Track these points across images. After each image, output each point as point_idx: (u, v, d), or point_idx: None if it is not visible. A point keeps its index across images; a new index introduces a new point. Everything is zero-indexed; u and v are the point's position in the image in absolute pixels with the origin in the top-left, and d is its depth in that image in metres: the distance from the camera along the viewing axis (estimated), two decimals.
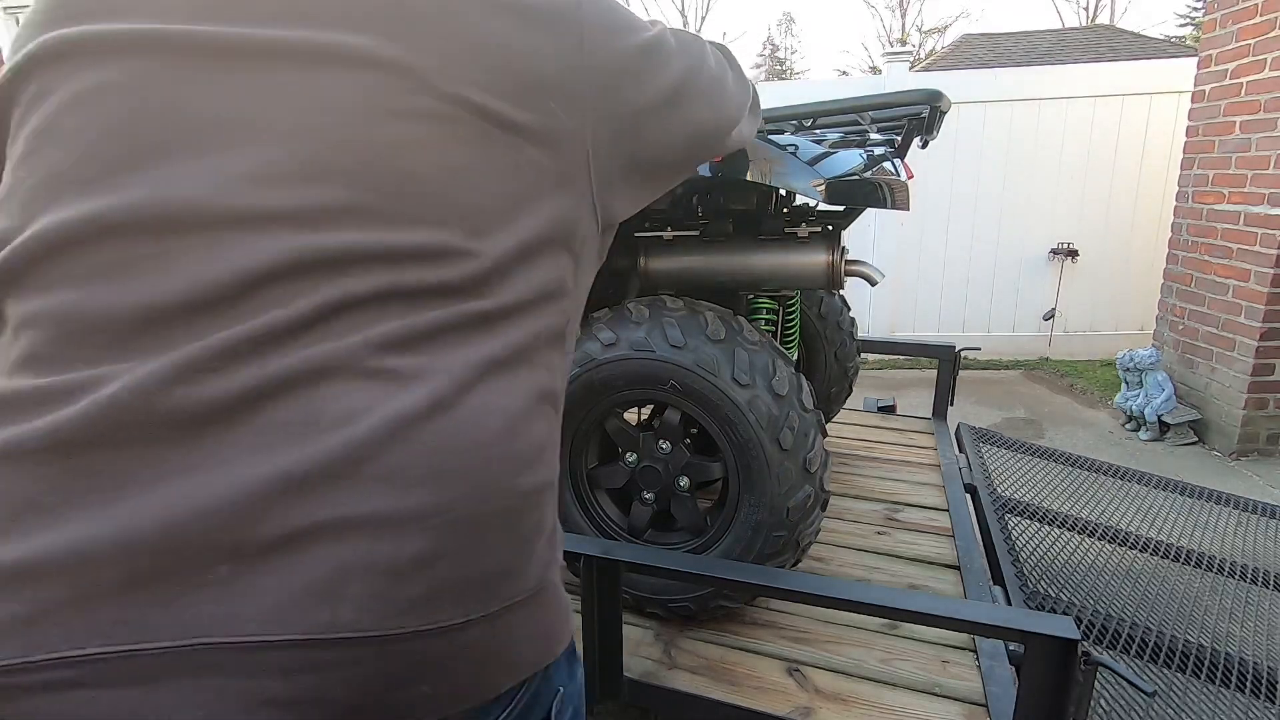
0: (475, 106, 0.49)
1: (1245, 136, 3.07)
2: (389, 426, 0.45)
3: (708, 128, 0.68)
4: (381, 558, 0.45)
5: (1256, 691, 1.17)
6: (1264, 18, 2.94)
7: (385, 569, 0.45)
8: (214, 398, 0.43)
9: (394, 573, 0.45)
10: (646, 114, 0.59)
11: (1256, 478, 2.97)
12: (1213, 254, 3.27)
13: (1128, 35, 7.64)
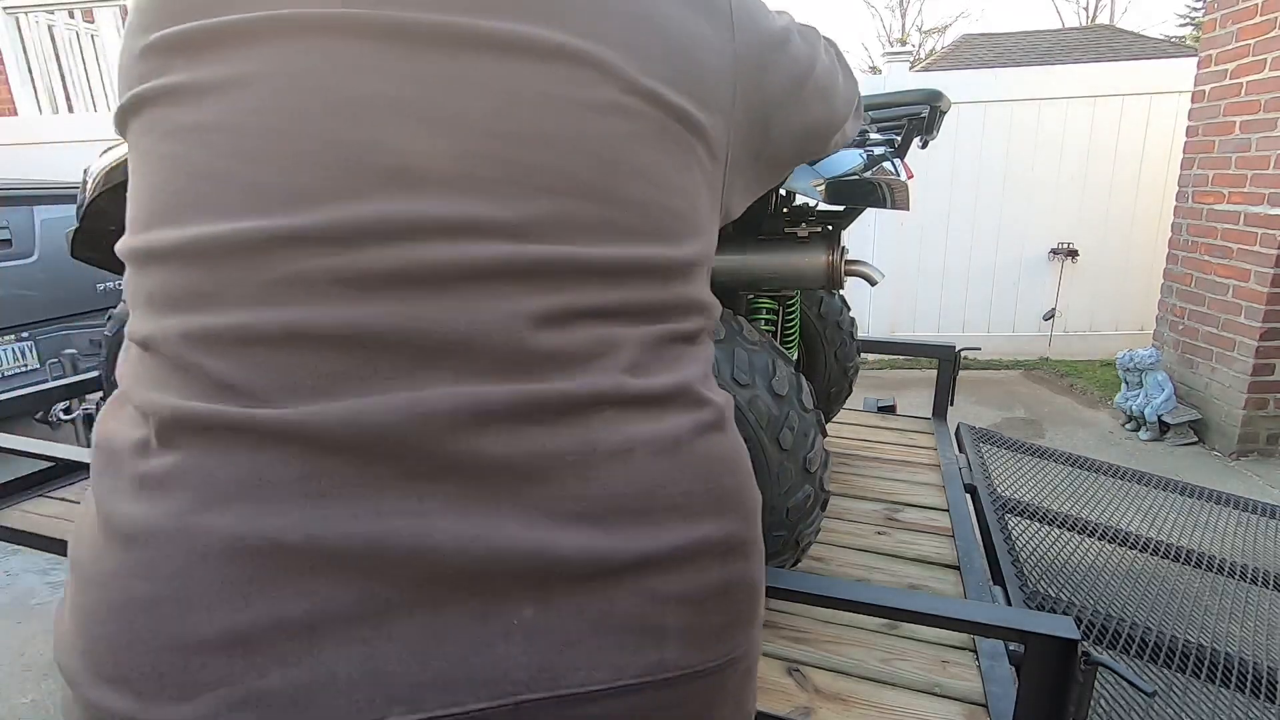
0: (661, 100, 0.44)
1: (1245, 136, 3.07)
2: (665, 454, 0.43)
3: (820, 125, 0.63)
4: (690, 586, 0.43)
5: (1256, 691, 1.17)
6: (1264, 18, 2.94)
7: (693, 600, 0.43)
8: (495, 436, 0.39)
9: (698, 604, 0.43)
10: (774, 106, 0.55)
11: (1256, 478, 2.97)
12: (1213, 254, 3.27)
13: (1128, 35, 7.64)
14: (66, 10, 5.22)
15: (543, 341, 0.40)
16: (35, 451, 1.66)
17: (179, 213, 0.41)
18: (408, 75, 0.40)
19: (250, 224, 0.39)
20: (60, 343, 3.22)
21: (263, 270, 0.39)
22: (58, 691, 1.83)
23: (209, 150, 0.41)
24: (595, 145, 0.42)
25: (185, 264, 0.41)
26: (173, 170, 0.42)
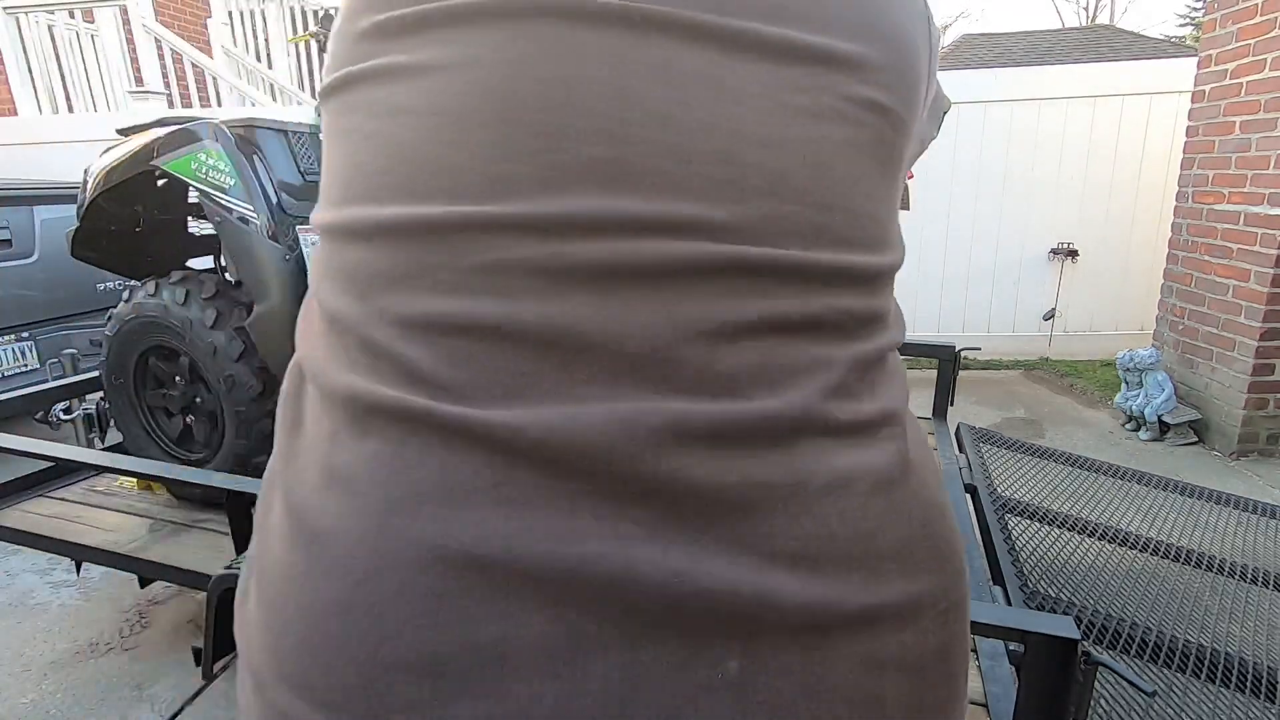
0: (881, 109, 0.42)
1: (1245, 136, 3.07)
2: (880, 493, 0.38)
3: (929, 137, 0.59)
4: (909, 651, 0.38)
5: (1256, 691, 1.17)
6: (1264, 18, 2.94)
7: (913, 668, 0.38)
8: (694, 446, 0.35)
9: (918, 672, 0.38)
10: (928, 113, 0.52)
11: (1256, 478, 2.96)
12: (1213, 254, 3.27)
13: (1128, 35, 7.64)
14: (66, 10, 5.22)
15: (748, 353, 0.37)
16: (35, 451, 1.66)
17: (379, 192, 0.40)
18: (624, 65, 0.37)
19: (448, 209, 0.37)
20: (60, 343, 3.22)
21: (461, 257, 0.37)
22: (58, 692, 1.83)
23: (414, 132, 0.39)
24: (813, 150, 0.39)
25: (383, 244, 0.39)
26: (376, 149, 0.41)
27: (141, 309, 1.83)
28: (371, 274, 0.39)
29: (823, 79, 0.39)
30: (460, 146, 0.38)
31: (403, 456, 0.36)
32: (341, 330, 0.40)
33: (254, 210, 1.68)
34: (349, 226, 0.41)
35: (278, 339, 1.72)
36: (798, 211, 0.39)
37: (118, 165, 1.81)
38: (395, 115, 0.40)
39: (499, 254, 0.36)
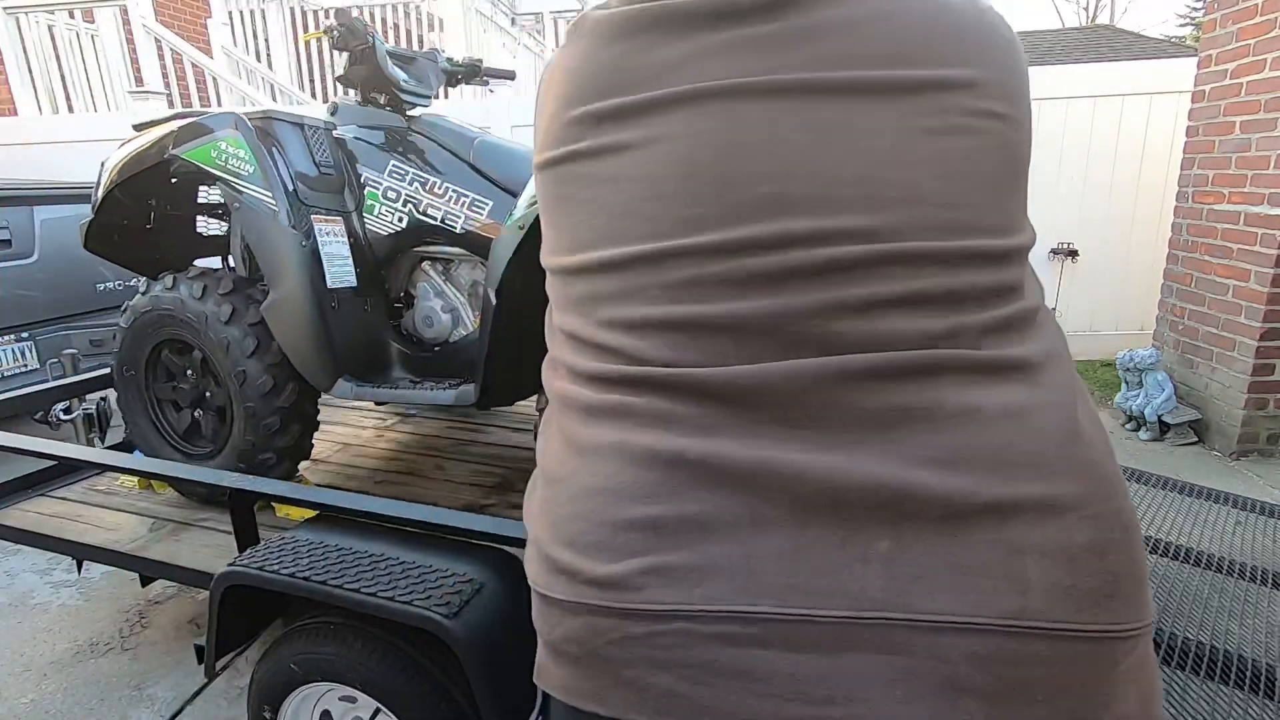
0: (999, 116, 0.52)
1: (1245, 136, 3.07)
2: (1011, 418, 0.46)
3: None
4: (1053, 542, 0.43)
5: (1255, 689, 1.17)
6: (1264, 18, 2.94)
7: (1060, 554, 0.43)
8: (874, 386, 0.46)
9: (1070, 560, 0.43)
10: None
11: (1256, 478, 2.97)
12: (1213, 254, 3.27)
13: (1128, 35, 7.64)
14: (66, 10, 5.22)
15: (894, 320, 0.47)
16: (36, 450, 1.66)
17: (600, 241, 0.54)
18: (778, 124, 0.50)
19: (652, 245, 0.52)
20: (60, 343, 3.22)
21: (665, 276, 0.51)
22: (58, 692, 1.83)
23: (622, 195, 0.54)
24: (940, 160, 0.49)
25: (604, 275, 0.54)
26: (594, 210, 0.55)
27: (158, 301, 1.84)
28: (600, 297, 0.55)
29: (945, 101, 0.50)
30: (657, 200, 0.52)
31: (636, 403, 0.51)
32: (580, 340, 0.56)
33: (272, 197, 1.69)
34: (579, 267, 0.56)
35: (291, 323, 1.73)
36: (930, 211, 0.49)
37: (135, 157, 1.82)
38: (606, 183, 0.54)
39: (693, 271, 0.50)
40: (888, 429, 0.46)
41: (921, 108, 0.49)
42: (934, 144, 0.49)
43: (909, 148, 0.49)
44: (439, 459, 2.27)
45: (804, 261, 0.48)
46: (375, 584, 1.08)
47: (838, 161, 0.49)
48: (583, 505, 0.51)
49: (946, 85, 0.50)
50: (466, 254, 1.85)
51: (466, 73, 2.13)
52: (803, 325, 0.48)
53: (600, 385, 0.53)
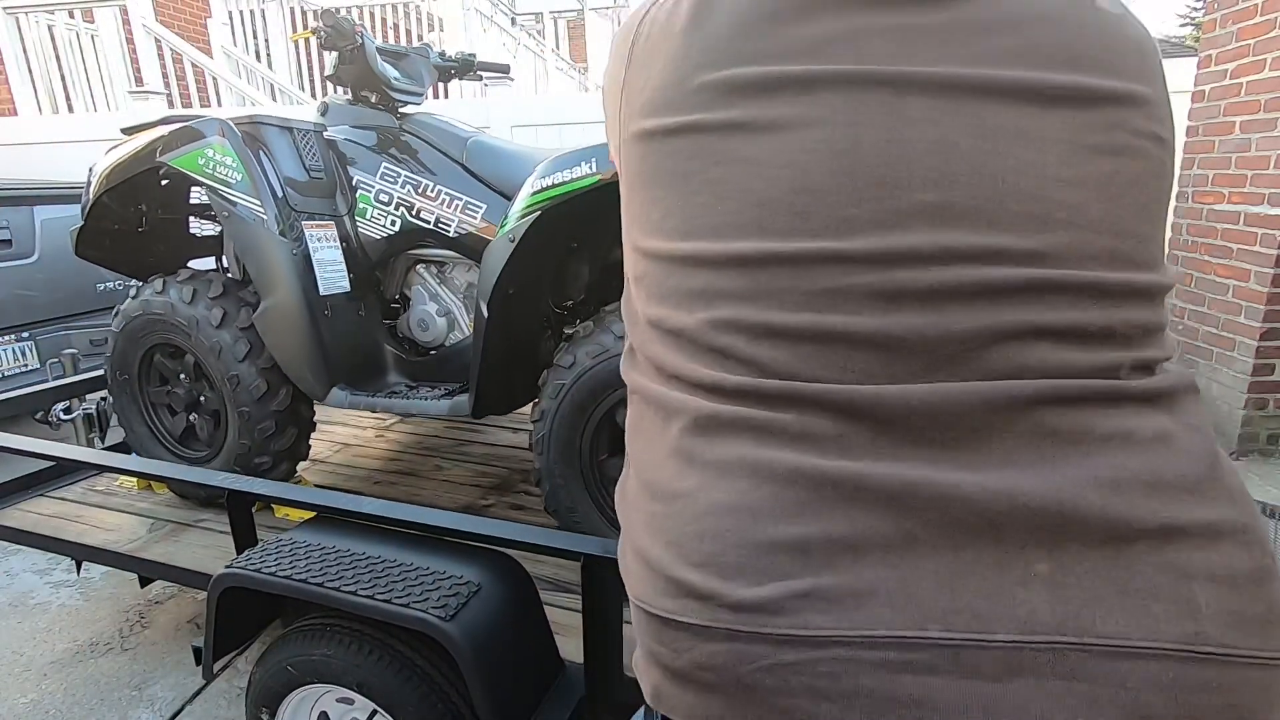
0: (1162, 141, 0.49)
1: (1245, 136, 3.07)
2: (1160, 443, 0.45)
3: None
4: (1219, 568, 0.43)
5: None
6: (1264, 18, 2.94)
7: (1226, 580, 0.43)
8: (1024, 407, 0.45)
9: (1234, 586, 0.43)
10: None
11: (1256, 478, 2.96)
12: (1213, 254, 3.27)
13: None
14: (66, 10, 5.22)
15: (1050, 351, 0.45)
16: (35, 451, 1.66)
17: (726, 230, 0.49)
18: (946, 124, 0.46)
19: (801, 245, 0.47)
20: (60, 343, 3.22)
21: (807, 281, 0.47)
22: (58, 692, 1.83)
23: (764, 180, 0.48)
24: (1108, 183, 0.47)
25: (728, 270, 0.49)
26: (721, 193, 0.49)
27: (148, 306, 1.84)
28: (719, 293, 0.49)
29: (1115, 117, 0.47)
30: (809, 193, 0.47)
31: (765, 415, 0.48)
32: (684, 339, 0.51)
33: (261, 205, 1.69)
34: (694, 256, 0.51)
35: (284, 332, 1.72)
36: (1095, 239, 0.46)
37: (123, 163, 1.82)
38: (742, 164, 0.49)
39: (842, 280, 0.46)
40: (1039, 452, 0.44)
41: (1095, 122, 0.46)
42: (1103, 164, 0.47)
43: (1079, 165, 0.46)
44: (438, 459, 2.27)
45: (964, 280, 0.45)
46: (373, 586, 1.08)
47: (1006, 173, 0.46)
48: (713, 524, 0.47)
49: (1121, 100, 0.47)
50: (461, 257, 1.85)
51: (460, 68, 2.12)
52: (954, 349, 0.45)
53: (721, 396, 0.49)
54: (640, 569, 0.52)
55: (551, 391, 1.51)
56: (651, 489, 0.53)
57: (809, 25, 0.48)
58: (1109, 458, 0.44)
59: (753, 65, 0.48)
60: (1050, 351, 0.45)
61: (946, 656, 0.41)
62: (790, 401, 0.47)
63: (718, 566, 0.46)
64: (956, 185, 0.45)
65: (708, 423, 0.49)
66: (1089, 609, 0.41)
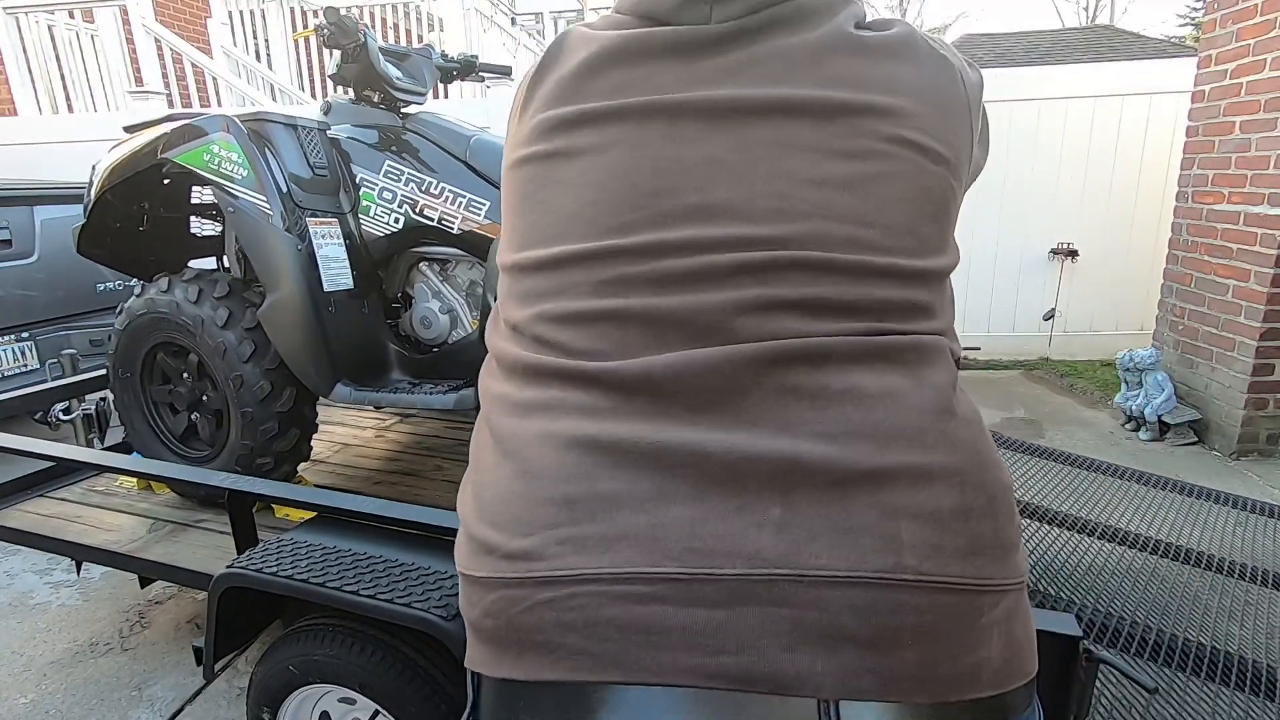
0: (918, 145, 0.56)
1: (1245, 136, 3.07)
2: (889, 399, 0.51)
3: (980, 165, 0.72)
4: (926, 506, 0.49)
5: (1256, 689, 1.17)
6: (1264, 18, 2.94)
7: (931, 517, 0.49)
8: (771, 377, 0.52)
9: (938, 522, 0.49)
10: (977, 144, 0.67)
11: (1256, 478, 2.97)
12: (1213, 254, 3.27)
13: (1128, 35, 7.63)
14: (66, 10, 5.22)
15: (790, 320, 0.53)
16: (35, 451, 1.66)
17: (545, 240, 0.59)
18: (711, 140, 0.56)
19: (587, 245, 0.57)
20: (60, 343, 3.22)
21: (595, 274, 0.56)
22: (58, 692, 1.83)
23: (569, 198, 0.59)
24: (853, 182, 0.54)
25: (545, 272, 0.58)
26: (544, 211, 0.60)
27: (153, 304, 1.83)
28: (540, 292, 0.59)
29: (861, 127, 0.55)
30: (598, 205, 0.57)
31: (558, 394, 0.56)
32: (519, 331, 0.60)
33: (266, 201, 1.69)
34: (526, 264, 0.60)
35: (288, 327, 1.72)
36: (837, 228, 0.54)
37: (126, 160, 1.81)
38: (558, 186, 0.60)
39: (621, 270, 0.55)
40: (781, 409, 0.51)
41: (839, 131, 0.55)
42: (848, 166, 0.54)
43: (826, 167, 0.54)
44: (438, 460, 2.27)
45: (718, 263, 0.53)
46: (374, 586, 1.08)
47: (758, 178, 0.54)
48: (506, 489, 0.55)
49: (865, 111, 0.55)
50: (464, 254, 1.85)
51: (461, 69, 2.12)
52: (710, 319, 0.53)
53: (532, 377, 0.57)
54: (460, 537, 0.60)
55: None
56: (475, 467, 0.61)
57: (613, 73, 0.59)
58: (837, 411, 0.51)
59: (569, 105, 0.60)
60: (791, 320, 0.52)
61: (679, 589, 0.48)
62: (580, 379, 0.55)
63: (501, 522, 0.54)
64: (717, 189, 0.55)
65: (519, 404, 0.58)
66: (807, 545, 0.48)
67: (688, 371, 0.52)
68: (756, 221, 0.54)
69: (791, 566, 0.47)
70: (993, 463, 0.54)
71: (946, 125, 0.58)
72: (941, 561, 0.48)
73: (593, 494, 0.51)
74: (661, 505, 0.50)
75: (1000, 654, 0.50)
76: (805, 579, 0.47)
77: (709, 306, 0.53)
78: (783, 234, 0.53)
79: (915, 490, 0.49)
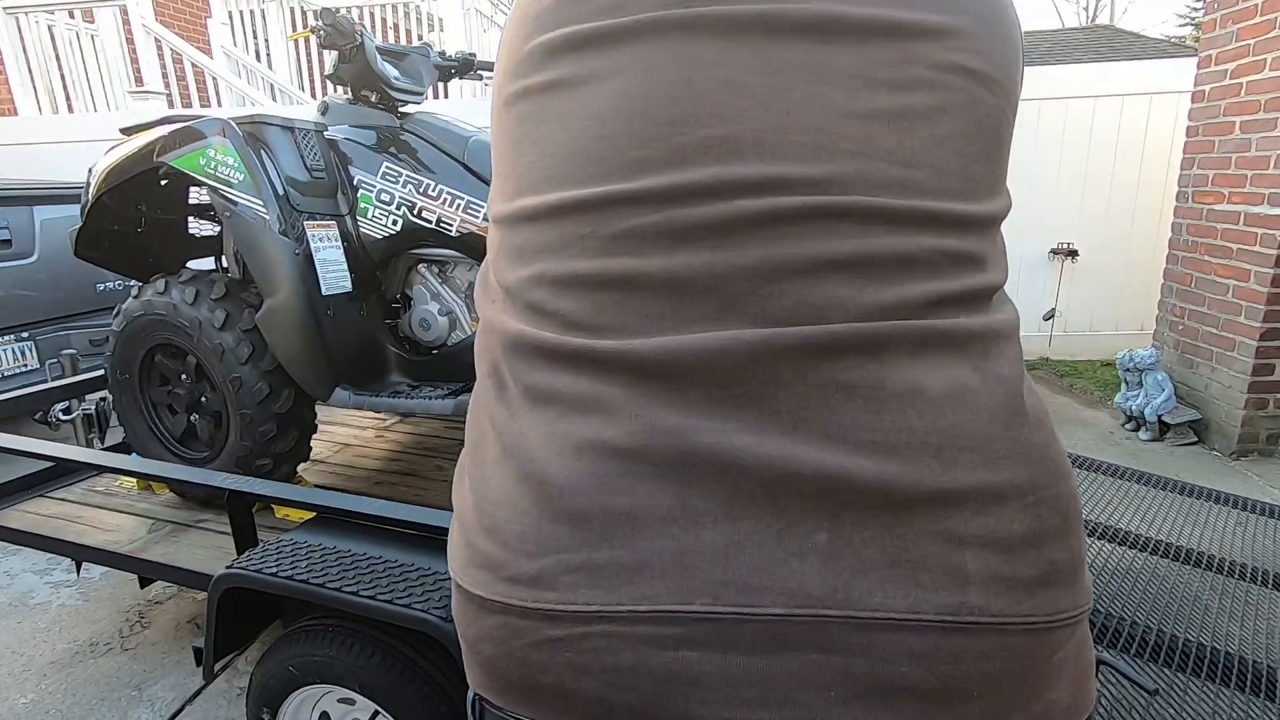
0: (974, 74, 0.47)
1: (1245, 136, 3.07)
2: (956, 399, 0.43)
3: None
4: (995, 532, 0.42)
5: (1256, 690, 1.17)
6: (1264, 18, 2.94)
7: (1000, 545, 0.42)
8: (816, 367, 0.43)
9: (1008, 550, 0.42)
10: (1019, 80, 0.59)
11: (1256, 478, 2.96)
12: (1213, 254, 3.27)
13: (1128, 35, 7.63)
14: (66, 10, 5.22)
15: (839, 286, 0.43)
16: (35, 451, 1.66)
17: (543, 184, 0.49)
18: (734, 61, 0.45)
19: (593, 190, 0.47)
20: (60, 343, 3.22)
21: (602, 226, 0.46)
22: (58, 692, 1.83)
23: (571, 133, 0.48)
24: (898, 116, 0.45)
25: (545, 223, 0.49)
26: (540, 152, 0.50)
27: (150, 306, 1.83)
28: (535, 248, 0.49)
29: (909, 51, 0.46)
30: (604, 140, 0.47)
31: (563, 382, 0.47)
32: (512, 296, 0.51)
33: (263, 205, 1.68)
34: (519, 214, 0.51)
35: (286, 332, 1.72)
36: (884, 168, 0.44)
37: (122, 163, 1.81)
38: (557, 121, 0.49)
39: (634, 221, 0.46)
40: (828, 410, 0.42)
41: (884, 56, 0.45)
42: (893, 98, 0.45)
43: (867, 99, 0.45)
44: (438, 460, 2.27)
45: (746, 211, 0.44)
46: (374, 586, 1.08)
47: (791, 106, 0.45)
48: (508, 493, 0.47)
49: (915, 33, 0.45)
50: (463, 256, 1.85)
51: (460, 68, 2.12)
52: (741, 286, 0.44)
53: (529, 356, 0.49)
54: (454, 533, 0.53)
55: None
56: (470, 451, 0.53)
57: None
58: (895, 416, 0.42)
59: (569, 26, 0.49)
60: (838, 285, 0.43)
61: (711, 631, 0.41)
62: (585, 361, 0.46)
63: (504, 536, 0.47)
64: (742, 119, 0.45)
65: (518, 388, 0.49)
66: (858, 581, 0.41)
67: (722, 358, 0.43)
68: (791, 159, 0.44)
69: (841, 606, 0.40)
70: (1065, 471, 0.47)
71: (1002, 48, 0.49)
72: (1013, 598, 0.41)
73: (608, 510, 0.43)
74: (689, 527, 0.42)
75: (1069, 693, 0.44)
76: (856, 621, 0.40)
77: (738, 269, 0.44)
78: (823, 175, 0.44)
79: (983, 514, 0.42)
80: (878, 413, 0.42)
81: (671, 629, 0.41)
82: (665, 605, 0.41)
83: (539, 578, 0.44)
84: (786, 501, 0.42)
